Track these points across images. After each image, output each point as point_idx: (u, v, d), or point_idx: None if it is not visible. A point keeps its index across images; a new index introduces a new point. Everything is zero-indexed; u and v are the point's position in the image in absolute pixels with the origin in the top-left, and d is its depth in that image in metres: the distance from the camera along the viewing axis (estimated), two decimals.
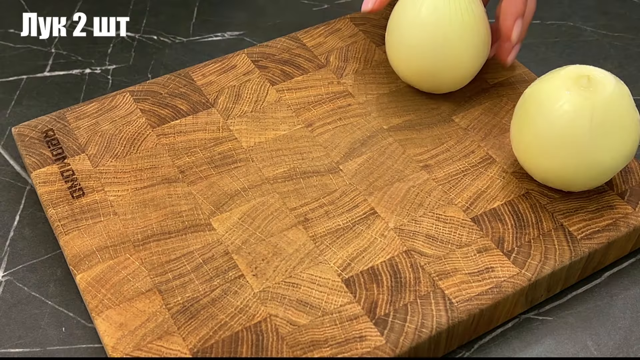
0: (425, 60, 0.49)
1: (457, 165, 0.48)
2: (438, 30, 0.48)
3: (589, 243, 0.44)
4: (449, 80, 0.51)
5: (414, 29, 0.49)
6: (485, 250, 0.43)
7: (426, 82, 0.51)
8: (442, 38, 0.48)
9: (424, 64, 0.50)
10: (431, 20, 0.48)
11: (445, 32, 0.48)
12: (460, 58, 0.49)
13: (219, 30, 0.64)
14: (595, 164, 0.43)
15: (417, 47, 0.49)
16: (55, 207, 0.46)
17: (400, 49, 0.50)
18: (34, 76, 0.60)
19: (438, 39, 0.48)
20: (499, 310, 0.42)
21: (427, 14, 0.48)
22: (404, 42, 0.50)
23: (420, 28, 0.48)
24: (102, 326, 0.40)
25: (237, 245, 0.44)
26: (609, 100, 0.42)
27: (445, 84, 0.51)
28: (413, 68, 0.50)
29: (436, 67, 0.49)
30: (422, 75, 0.51)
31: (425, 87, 0.52)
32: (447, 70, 0.50)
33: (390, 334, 0.39)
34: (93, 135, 0.50)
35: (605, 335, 0.43)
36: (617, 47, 0.63)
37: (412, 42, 0.49)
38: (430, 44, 0.48)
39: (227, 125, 0.51)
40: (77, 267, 0.43)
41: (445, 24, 0.48)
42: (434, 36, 0.48)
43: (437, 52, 0.49)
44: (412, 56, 0.50)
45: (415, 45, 0.49)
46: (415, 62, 0.50)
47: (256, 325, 0.40)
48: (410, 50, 0.49)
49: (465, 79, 0.51)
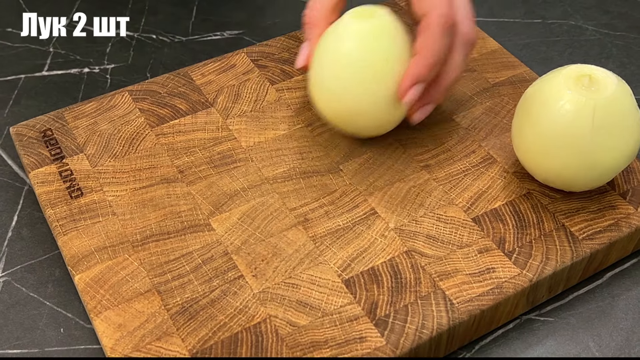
0: (343, 102, 0.46)
1: (457, 165, 0.48)
2: (354, 68, 0.45)
3: (591, 243, 0.44)
4: (370, 124, 0.47)
5: (333, 66, 0.46)
6: (486, 250, 0.43)
7: (345, 124, 0.48)
8: (358, 78, 0.45)
9: (341, 106, 0.46)
10: (350, 61, 0.45)
11: (362, 70, 0.45)
12: (379, 102, 0.46)
13: (218, 30, 0.64)
14: (596, 164, 0.43)
15: (336, 88, 0.46)
16: (53, 207, 0.46)
17: (320, 88, 0.47)
18: (32, 75, 0.60)
19: (354, 79, 0.45)
20: (500, 311, 0.42)
21: (346, 51, 0.45)
22: (324, 81, 0.46)
23: (339, 67, 0.45)
24: (101, 327, 0.40)
25: (236, 246, 0.44)
26: (610, 100, 0.42)
27: (366, 128, 0.48)
28: (332, 108, 0.47)
29: (355, 109, 0.46)
30: (341, 117, 0.47)
31: (345, 129, 0.48)
32: (366, 114, 0.46)
33: (390, 335, 0.39)
34: (91, 135, 0.50)
35: (607, 336, 0.43)
36: (619, 46, 0.63)
37: (331, 82, 0.46)
38: (347, 84, 0.45)
39: (226, 125, 0.51)
40: (76, 268, 0.43)
41: (362, 62, 0.45)
42: (352, 75, 0.45)
43: (355, 93, 0.45)
44: (332, 96, 0.46)
45: (334, 86, 0.46)
46: (336, 103, 0.46)
47: (256, 326, 0.40)
48: (329, 90, 0.46)
49: (388, 124, 0.48)
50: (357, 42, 0.45)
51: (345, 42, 0.45)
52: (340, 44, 0.45)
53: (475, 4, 0.67)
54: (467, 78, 0.54)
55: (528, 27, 0.65)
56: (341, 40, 0.45)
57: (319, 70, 0.47)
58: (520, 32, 0.64)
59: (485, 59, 0.56)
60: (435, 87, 0.47)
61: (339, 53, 0.45)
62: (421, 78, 0.45)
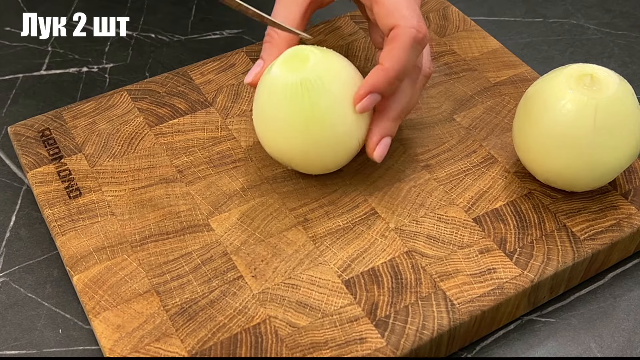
0: (281, 148, 0.44)
1: (458, 165, 0.48)
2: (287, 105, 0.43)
3: (592, 244, 0.44)
4: (316, 166, 0.45)
5: (266, 116, 0.44)
6: (487, 251, 0.43)
7: (291, 165, 0.46)
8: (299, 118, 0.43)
9: (281, 150, 0.45)
10: (281, 116, 0.43)
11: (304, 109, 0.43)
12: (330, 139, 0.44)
13: (218, 29, 0.64)
14: (598, 163, 0.43)
15: (274, 134, 0.44)
16: (51, 207, 0.46)
17: (261, 129, 0.45)
18: (30, 75, 0.60)
19: (295, 118, 0.43)
20: (501, 311, 0.42)
21: (276, 106, 0.43)
22: (262, 124, 0.45)
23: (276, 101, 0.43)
24: (100, 328, 0.40)
25: (236, 246, 0.44)
26: (612, 99, 0.42)
27: (313, 169, 0.46)
28: (274, 150, 0.45)
29: (294, 153, 0.44)
30: (285, 159, 0.46)
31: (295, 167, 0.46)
32: (307, 157, 0.44)
33: (391, 336, 0.39)
34: (90, 135, 0.50)
35: (609, 337, 0.43)
36: (620, 45, 0.63)
37: (268, 127, 0.44)
38: (281, 133, 0.44)
39: (225, 125, 0.51)
40: (74, 268, 0.43)
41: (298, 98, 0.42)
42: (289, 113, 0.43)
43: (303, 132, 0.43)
44: (272, 141, 0.45)
45: (271, 132, 0.44)
46: (276, 147, 0.45)
47: (255, 327, 0.40)
48: (269, 134, 0.45)
49: (334, 164, 0.46)
50: (286, 99, 0.42)
51: (273, 97, 0.43)
52: (270, 98, 0.43)
53: (476, 3, 0.67)
54: (468, 77, 0.54)
55: (529, 26, 0.65)
56: (270, 94, 0.43)
57: (257, 113, 0.45)
58: (521, 31, 0.64)
59: (486, 58, 0.56)
60: (384, 117, 0.45)
61: (270, 105, 0.43)
62: (377, 88, 0.43)
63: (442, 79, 0.54)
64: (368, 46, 0.56)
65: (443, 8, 0.60)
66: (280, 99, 0.43)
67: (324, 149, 0.44)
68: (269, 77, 0.44)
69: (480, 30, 0.58)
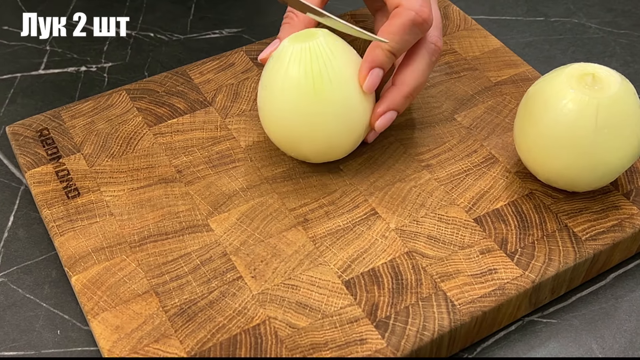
0: (287, 126, 0.45)
1: (459, 164, 0.48)
2: (296, 95, 0.43)
3: (594, 244, 0.44)
4: (317, 149, 0.46)
5: (273, 91, 0.44)
6: (488, 251, 0.43)
7: (293, 150, 0.46)
8: (304, 103, 0.43)
9: (285, 131, 0.45)
10: (289, 85, 0.43)
11: (305, 97, 0.43)
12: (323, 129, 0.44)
13: (217, 27, 0.64)
14: (600, 163, 0.43)
15: (279, 113, 0.44)
16: (50, 207, 0.46)
17: (265, 111, 0.46)
18: (29, 74, 0.60)
19: (300, 104, 0.43)
20: (502, 312, 0.42)
21: (283, 75, 0.44)
22: (267, 105, 0.45)
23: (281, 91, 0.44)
24: (98, 329, 0.40)
25: (235, 247, 0.44)
26: (614, 99, 0.42)
27: (313, 153, 0.46)
28: (277, 133, 0.46)
29: (298, 134, 0.45)
30: (287, 141, 0.46)
31: (294, 155, 0.47)
32: (313, 139, 0.45)
33: (391, 337, 0.39)
34: (89, 135, 0.50)
35: (611, 338, 0.43)
36: (622, 44, 0.63)
37: (274, 106, 0.45)
38: (293, 108, 0.44)
39: (225, 124, 0.51)
40: (73, 269, 0.43)
41: (303, 88, 0.43)
42: (295, 100, 0.43)
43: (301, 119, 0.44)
44: (277, 120, 0.45)
45: (277, 111, 0.44)
46: (280, 127, 0.45)
47: (255, 328, 0.40)
48: (274, 115, 0.45)
49: (338, 149, 0.46)
50: (295, 64, 0.43)
51: (280, 65, 0.44)
52: (275, 66, 0.44)
53: (477, 2, 0.67)
54: (469, 77, 0.54)
55: (530, 25, 0.65)
56: (276, 61, 0.44)
57: (262, 93, 0.45)
58: (522, 30, 0.64)
59: (487, 57, 0.56)
60: (396, 92, 0.46)
61: (276, 74, 0.44)
62: (377, 61, 0.44)
63: (443, 78, 0.54)
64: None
65: (444, 7, 0.60)
66: (286, 64, 0.43)
67: (332, 122, 0.44)
68: (277, 49, 0.45)
69: (481, 29, 0.58)
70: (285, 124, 0.45)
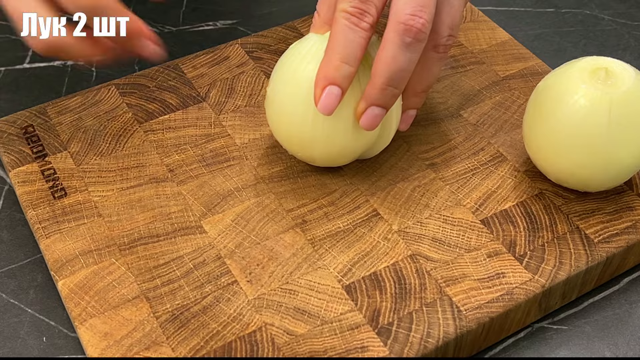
0: (296, 124, 0.44)
1: (465, 163, 0.48)
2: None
3: (607, 247, 0.44)
4: (327, 151, 0.45)
5: (287, 86, 0.44)
6: (495, 254, 0.43)
7: (299, 149, 0.46)
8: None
9: (295, 129, 0.45)
10: (302, 80, 0.43)
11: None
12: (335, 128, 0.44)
13: (211, 19, 0.64)
14: (613, 162, 0.43)
15: (290, 110, 0.44)
16: (35, 208, 0.46)
17: (274, 109, 0.45)
18: (13, 68, 0.60)
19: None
20: (511, 318, 0.42)
21: (302, 70, 0.43)
22: (289, 102, 0.44)
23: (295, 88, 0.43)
24: (86, 336, 0.40)
25: (230, 249, 0.44)
26: (628, 94, 0.42)
27: (322, 155, 0.45)
28: (286, 132, 0.45)
29: (310, 134, 0.44)
30: (295, 141, 0.45)
31: (301, 156, 0.46)
32: (323, 140, 0.44)
33: (394, 345, 0.39)
34: (76, 132, 0.50)
35: (624, 345, 0.43)
36: (636, 37, 0.63)
37: (284, 102, 0.44)
38: (300, 103, 0.43)
39: (219, 121, 0.51)
40: (59, 273, 0.43)
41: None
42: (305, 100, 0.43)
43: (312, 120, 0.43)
44: (286, 118, 0.45)
45: (288, 108, 0.44)
46: (289, 125, 0.45)
47: (250, 334, 0.40)
48: (284, 113, 0.45)
49: (344, 156, 0.46)
50: (308, 55, 0.43)
51: (294, 59, 0.43)
52: (305, 63, 0.43)
53: None
54: (476, 71, 0.54)
55: (540, 16, 0.65)
56: (306, 59, 0.43)
57: (274, 88, 0.45)
58: (531, 22, 0.64)
59: (495, 50, 0.56)
60: (370, 86, 0.43)
61: (302, 72, 0.43)
62: (374, 101, 0.42)
63: (448, 72, 0.54)
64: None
65: None
66: (300, 59, 0.43)
67: (353, 127, 0.43)
68: (303, 44, 0.45)
69: (488, 21, 0.58)
70: (301, 124, 0.44)
